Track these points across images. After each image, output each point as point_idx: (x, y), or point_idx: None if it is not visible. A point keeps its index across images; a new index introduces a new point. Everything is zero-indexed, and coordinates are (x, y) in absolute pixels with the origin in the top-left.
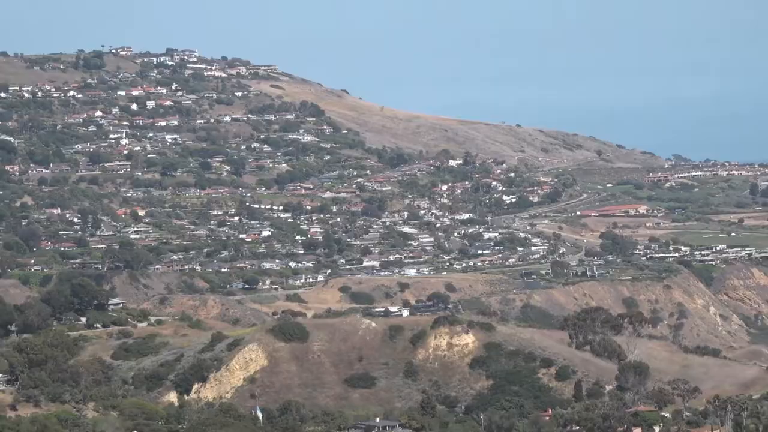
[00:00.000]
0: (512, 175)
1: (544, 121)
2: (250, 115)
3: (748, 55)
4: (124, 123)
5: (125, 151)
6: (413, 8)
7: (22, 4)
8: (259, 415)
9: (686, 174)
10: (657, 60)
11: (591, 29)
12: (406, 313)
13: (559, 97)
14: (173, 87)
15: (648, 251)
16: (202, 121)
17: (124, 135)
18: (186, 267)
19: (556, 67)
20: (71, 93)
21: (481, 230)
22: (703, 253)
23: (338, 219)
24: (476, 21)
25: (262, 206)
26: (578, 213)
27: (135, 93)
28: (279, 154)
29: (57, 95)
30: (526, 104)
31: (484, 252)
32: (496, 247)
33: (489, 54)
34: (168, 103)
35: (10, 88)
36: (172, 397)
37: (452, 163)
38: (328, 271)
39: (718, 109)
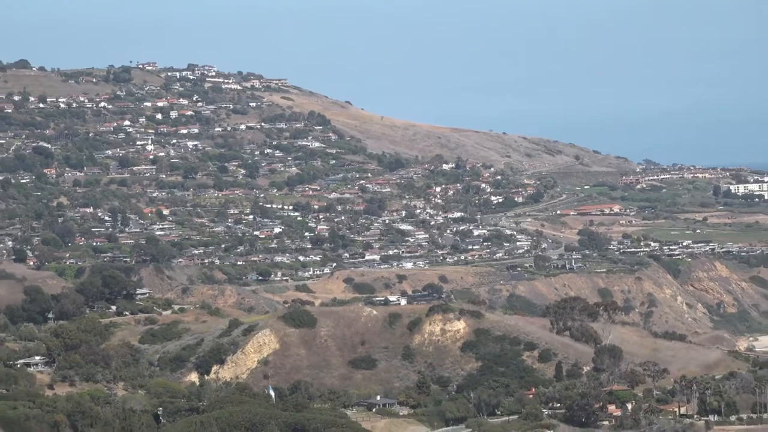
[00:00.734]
0: (499, 177)
1: (527, 129)
2: (263, 124)
3: (713, 70)
4: (150, 131)
5: (151, 156)
6: (410, 29)
7: (59, 24)
8: (272, 393)
9: (655, 177)
10: (630, 74)
11: (571, 46)
12: (403, 302)
13: (541, 107)
14: (194, 98)
15: (621, 246)
16: (219, 129)
17: (149, 142)
18: (206, 260)
19: (539, 81)
20: (102, 104)
21: (471, 227)
22: (670, 248)
23: (342, 217)
24: (467, 41)
25: (274, 206)
26: (558, 212)
27: (160, 104)
28: (289, 159)
29: (90, 106)
30: (511, 114)
31: (474, 247)
32: (485, 243)
33: (479, 69)
34: (189, 113)
35: (47, 99)
36: (194, 377)
37: (445, 167)
38: (334, 264)
39: (684, 118)
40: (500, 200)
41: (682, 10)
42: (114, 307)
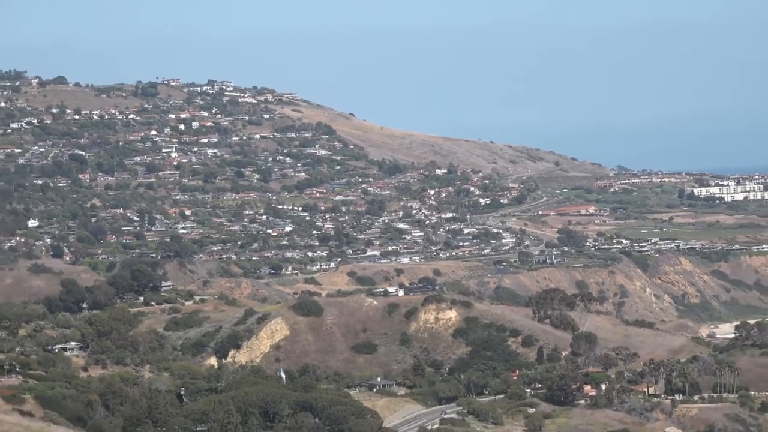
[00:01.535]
0: (487, 182)
1: (512, 138)
2: (275, 134)
3: (677, 88)
4: (174, 140)
5: (175, 163)
6: (407, 50)
7: (92, 45)
8: (283, 375)
9: (627, 181)
10: (604, 91)
11: (552, 66)
12: (401, 293)
13: (525, 119)
14: (213, 111)
15: (596, 243)
16: (236, 139)
17: (173, 149)
18: (223, 256)
19: (524, 96)
20: (131, 116)
21: (461, 226)
22: (640, 245)
23: (346, 217)
24: (458, 61)
25: (285, 207)
26: (540, 213)
27: (182, 116)
28: (299, 165)
29: (120, 118)
30: (498, 125)
31: (464, 244)
32: (474, 240)
33: (469, 85)
34: (209, 123)
35: (82, 112)
36: (213, 360)
37: (438, 172)
38: (339, 259)
39: (652, 129)
40: (488, 202)
41: (652, 35)
42: (141, 298)
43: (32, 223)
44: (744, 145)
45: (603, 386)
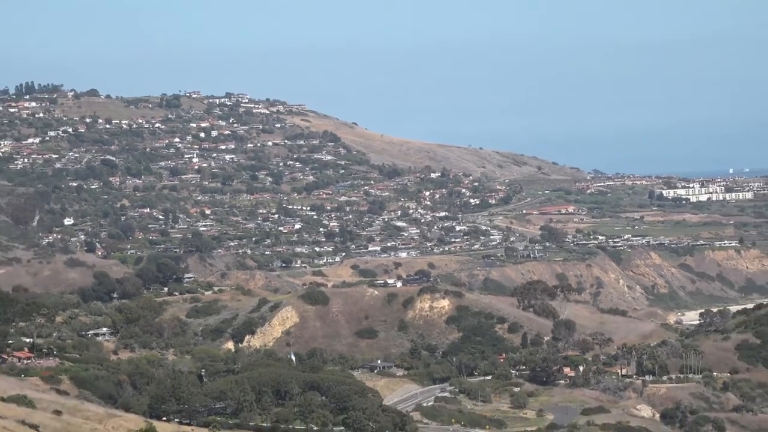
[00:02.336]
0: (476, 184)
1: (499, 145)
2: (286, 141)
3: (648, 98)
4: (195, 147)
5: (196, 167)
6: (404, 65)
7: (122, 60)
8: (293, 358)
9: (602, 183)
10: (583, 101)
11: (535, 79)
12: (399, 284)
13: (511, 127)
14: (230, 120)
15: (574, 239)
16: (251, 145)
17: (195, 155)
18: (239, 251)
19: (509, 106)
20: (157, 125)
21: (453, 224)
22: (614, 240)
23: (350, 216)
24: (451, 74)
25: (295, 207)
26: (524, 212)
27: (203, 125)
28: (307, 169)
29: (146, 127)
30: (486, 132)
31: (456, 240)
32: (465, 237)
33: (460, 97)
34: (227, 132)
35: (113, 121)
36: (230, 345)
37: (433, 175)
38: (343, 253)
39: (626, 137)
40: (477, 202)
41: (623, 53)
42: (166, 289)
43: (68, 221)
44: (707, 152)
45: (581, 368)
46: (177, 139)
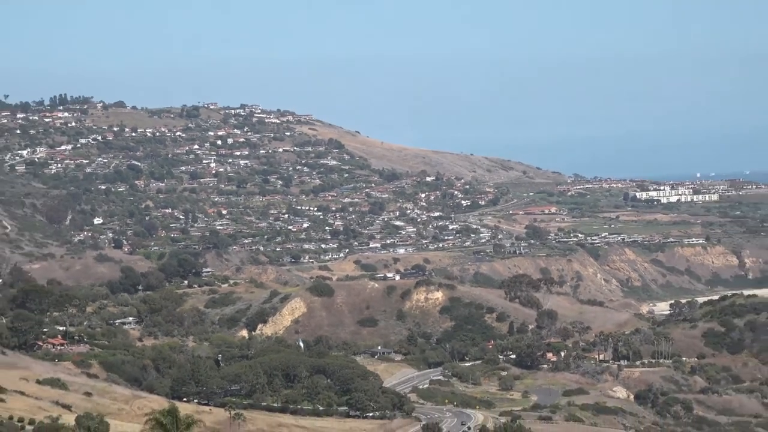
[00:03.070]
0: (467, 187)
1: (488, 151)
2: (295, 148)
3: (623, 110)
4: (212, 153)
5: (213, 172)
6: (403, 79)
7: (146, 74)
8: (301, 344)
9: (582, 186)
10: (564, 111)
11: (518, 91)
12: (397, 277)
13: (498, 135)
14: (245, 129)
15: (556, 237)
16: (263, 152)
17: (212, 161)
18: (253, 247)
19: (498, 116)
20: (178, 133)
21: (447, 223)
22: (592, 238)
23: (353, 216)
24: (445, 87)
25: (303, 207)
26: (511, 212)
27: (220, 133)
28: (314, 173)
29: (168, 135)
30: (477, 140)
31: (449, 237)
32: (457, 234)
33: (453, 107)
34: (241, 140)
35: (138, 130)
36: (244, 333)
37: (428, 179)
38: (347, 250)
39: (603, 143)
40: (468, 203)
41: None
42: (186, 282)
43: (97, 220)
44: (677, 157)
45: (562, 353)
46: (196, 146)
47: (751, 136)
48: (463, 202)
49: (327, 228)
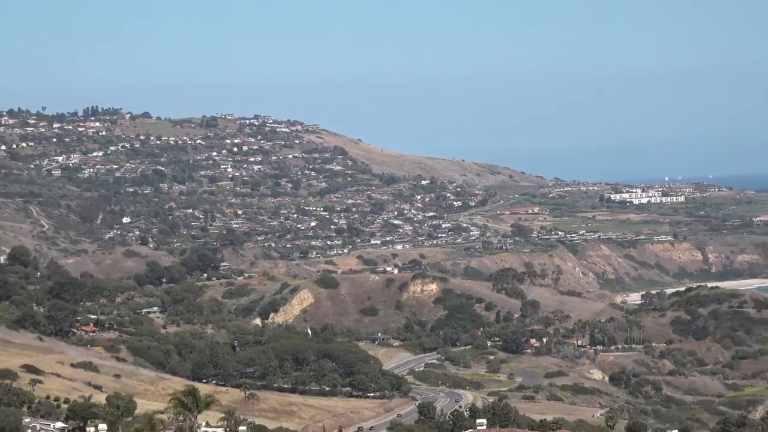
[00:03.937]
0: (459, 189)
1: (477, 157)
2: (303, 154)
3: (599, 120)
4: (229, 159)
5: (230, 176)
6: (400, 94)
7: (169, 88)
8: (309, 332)
9: (562, 189)
10: (543, 121)
11: (500, 105)
12: (396, 271)
13: (487, 143)
14: (258, 138)
15: (539, 234)
16: (275, 158)
17: (229, 166)
18: (266, 244)
19: (487, 127)
20: (198, 141)
21: (440, 222)
22: (571, 235)
23: (356, 215)
24: (439, 102)
25: (311, 208)
26: (498, 212)
27: (236, 141)
28: (320, 177)
29: (189, 143)
30: (467, 147)
31: (442, 235)
32: (449, 232)
33: (446, 118)
34: (255, 147)
35: (162, 138)
36: (258, 321)
37: (423, 182)
38: (350, 246)
39: (581, 151)
40: (459, 204)
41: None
42: (205, 275)
43: (125, 220)
44: (647, 162)
45: (544, 339)
46: (214, 153)
47: (714, 141)
48: (454, 203)
49: (332, 226)
